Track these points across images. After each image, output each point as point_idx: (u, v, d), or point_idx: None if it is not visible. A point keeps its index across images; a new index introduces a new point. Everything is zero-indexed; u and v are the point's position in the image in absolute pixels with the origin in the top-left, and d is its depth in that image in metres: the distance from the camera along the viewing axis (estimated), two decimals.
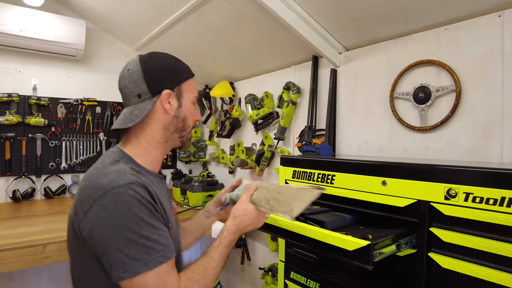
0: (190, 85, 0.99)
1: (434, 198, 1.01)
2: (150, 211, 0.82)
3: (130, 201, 0.79)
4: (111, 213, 0.78)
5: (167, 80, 0.94)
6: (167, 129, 0.96)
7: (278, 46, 2.12)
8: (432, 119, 1.51)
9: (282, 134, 2.22)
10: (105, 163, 0.88)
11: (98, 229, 0.79)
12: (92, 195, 0.81)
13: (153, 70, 0.93)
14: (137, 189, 0.81)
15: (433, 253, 1.01)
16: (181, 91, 0.96)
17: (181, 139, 1.00)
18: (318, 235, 1.04)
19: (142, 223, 0.79)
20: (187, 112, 0.98)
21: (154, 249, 0.80)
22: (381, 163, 1.17)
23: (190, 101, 1.00)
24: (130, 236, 0.78)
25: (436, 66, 1.49)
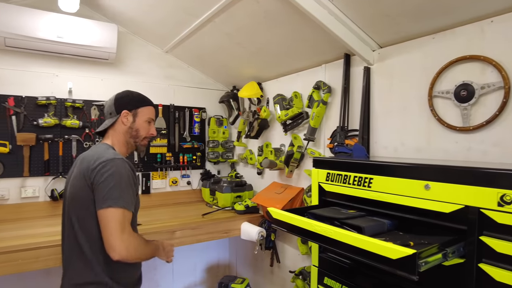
0: (145, 110, 1.54)
1: (485, 204, 0.93)
2: (129, 177, 1.35)
3: (121, 167, 1.33)
4: (108, 169, 1.30)
5: (127, 105, 1.51)
6: (125, 135, 1.51)
7: (308, 44, 2.07)
8: (476, 119, 1.41)
9: (312, 134, 2.17)
10: (102, 149, 1.42)
11: (99, 177, 1.29)
12: (101, 160, 1.32)
13: (119, 99, 1.52)
14: (125, 163, 1.36)
15: (484, 264, 0.94)
16: (137, 112, 1.52)
17: (135, 144, 1.54)
18: (357, 242, 0.98)
19: (122, 181, 1.31)
20: (139, 126, 1.52)
21: (123, 199, 1.29)
22: (424, 165, 1.10)
23: (144, 120, 1.53)
24: (113, 184, 1.28)
25: (480, 62, 1.39)
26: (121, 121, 1.48)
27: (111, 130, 1.50)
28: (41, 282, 2.50)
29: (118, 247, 1.23)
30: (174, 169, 3.02)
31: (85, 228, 1.33)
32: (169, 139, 3.00)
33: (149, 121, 1.54)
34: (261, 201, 2.40)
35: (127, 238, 1.26)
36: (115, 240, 1.23)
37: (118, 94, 1.53)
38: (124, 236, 1.24)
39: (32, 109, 2.48)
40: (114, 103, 1.50)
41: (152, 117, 1.57)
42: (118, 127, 1.49)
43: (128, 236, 1.27)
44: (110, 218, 1.24)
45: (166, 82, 3.06)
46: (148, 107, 1.55)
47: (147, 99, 1.57)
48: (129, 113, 1.48)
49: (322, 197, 1.48)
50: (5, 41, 2.29)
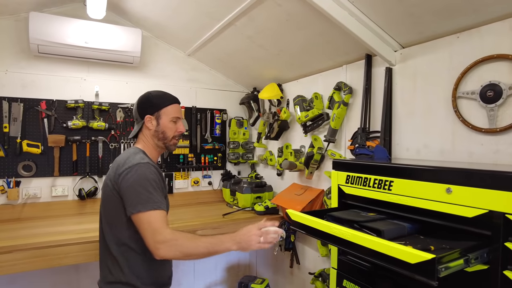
0: (168, 110, 1.53)
1: (510, 209, 0.90)
2: (156, 179, 1.37)
3: (146, 171, 1.36)
4: (134, 174, 1.33)
5: (148, 109, 1.52)
6: (153, 138, 1.53)
7: (329, 45, 2.06)
8: (504, 120, 1.36)
9: (333, 136, 2.16)
10: (130, 153, 1.44)
11: (125, 182, 1.33)
12: (126, 166, 1.36)
13: (140, 104, 1.54)
14: (150, 166, 1.39)
15: (510, 271, 0.91)
16: (159, 115, 1.51)
17: (165, 145, 1.55)
18: (375, 245, 0.97)
19: (148, 183, 1.33)
20: (164, 128, 1.52)
21: (152, 200, 1.30)
22: (445, 168, 1.08)
23: (168, 120, 1.52)
24: (140, 189, 1.31)
25: (509, 62, 1.34)
26: (146, 127, 1.50)
27: (141, 135, 1.54)
28: (71, 278, 2.62)
29: (160, 249, 1.25)
30: (195, 169, 3.08)
31: (113, 231, 1.40)
32: (191, 140, 3.06)
33: (174, 120, 1.53)
34: (281, 202, 2.41)
35: (167, 237, 1.25)
36: (155, 242, 1.25)
37: (139, 98, 1.55)
38: (162, 237, 1.24)
39: (62, 112, 2.60)
40: (136, 109, 1.53)
41: (177, 114, 1.55)
42: (145, 132, 1.52)
43: (168, 235, 1.26)
44: (143, 222, 1.27)
45: (188, 84, 3.12)
46: (171, 106, 1.53)
47: (168, 97, 1.54)
48: (151, 117, 1.49)
49: (341, 199, 1.48)
50: (38, 48, 2.41)
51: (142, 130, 1.52)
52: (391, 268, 0.92)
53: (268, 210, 2.58)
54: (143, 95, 1.55)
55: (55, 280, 2.57)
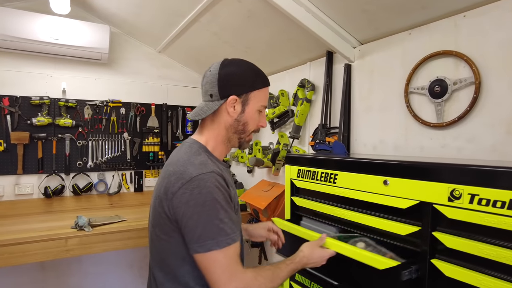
0: (260, 94, 1.08)
1: (437, 200, 0.93)
2: (225, 197, 0.95)
3: (211, 187, 0.93)
4: (196, 196, 0.92)
5: (236, 87, 1.05)
6: (228, 129, 1.08)
7: (292, 43, 2.08)
8: (450, 115, 1.39)
9: (297, 132, 2.17)
10: (189, 153, 1.02)
11: (184, 207, 0.92)
12: (181, 179, 0.94)
13: (226, 76, 1.04)
14: (216, 178, 0.95)
15: (436, 260, 0.93)
16: (248, 98, 1.06)
17: (239, 140, 1.12)
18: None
19: (218, 206, 0.93)
20: (249, 118, 1.08)
21: (225, 231, 0.92)
22: (382, 161, 1.10)
23: (256, 109, 1.09)
24: (208, 217, 0.91)
25: (453, 57, 1.37)
26: (226, 111, 1.05)
27: (209, 121, 1.08)
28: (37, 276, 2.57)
29: None
30: None
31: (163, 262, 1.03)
32: (161, 138, 3.03)
33: (261, 109, 1.11)
34: (249, 199, 2.41)
35: (248, 283, 0.94)
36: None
37: (224, 65, 1.05)
38: (240, 283, 0.93)
39: (26, 108, 2.55)
40: (218, 80, 1.03)
41: (267, 103, 1.15)
42: (220, 118, 1.07)
43: (248, 280, 0.95)
44: (213, 263, 0.91)
45: (159, 81, 3.10)
46: (265, 90, 1.11)
47: (263, 75, 1.11)
48: (238, 100, 1.04)
49: (294, 193, 1.49)
50: (0, 43, 2.36)
51: (216, 115, 1.06)
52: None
53: None
54: (233, 63, 1.07)
55: (18, 281, 2.51)
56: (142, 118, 2.98)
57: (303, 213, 1.44)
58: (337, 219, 1.24)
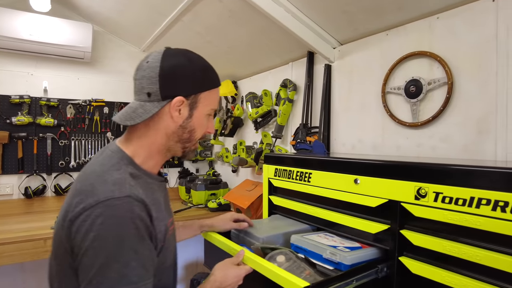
0: (210, 96, 0.89)
1: (404, 198, 0.94)
2: (139, 233, 0.74)
3: (121, 218, 0.72)
4: (98, 226, 0.70)
5: (184, 86, 0.84)
6: (170, 137, 0.87)
7: (273, 43, 2.08)
8: (424, 114, 1.41)
9: (280, 132, 2.18)
10: (105, 166, 0.80)
11: (81, 240, 0.71)
12: (83, 202, 0.73)
13: (172, 71, 0.83)
14: (132, 205, 0.74)
15: (404, 257, 0.94)
16: (197, 100, 0.87)
17: (184, 150, 0.92)
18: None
19: (126, 245, 0.71)
20: (197, 124, 0.89)
21: (127, 279, 0.70)
22: (353, 160, 1.11)
23: (206, 113, 0.90)
24: (107, 257, 0.69)
25: (428, 58, 1.40)
26: (169, 115, 0.85)
27: (142, 125, 0.86)
28: (16, 277, 2.52)
29: None
30: None
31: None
32: None
33: (210, 113, 0.93)
34: (232, 198, 2.41)
35: None
36: None
37: (168, 55, 0.84)
38: None
39: (6, 107, 2.50)
40: (160, 76, 0.82)
41: (217, 106, 0.96)
42: (159, 123, 0.86)
43: None
44: None
45: None
46: (217, 90, 0.93)
47: (216, 73, 0.92)
48: (185, 102, 0.85)
49: (272, 192, 1.49)
50: None
51: (154, 119, 0.85)
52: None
53: (221, 206, 2.58)
54: (179, 54, 0.86)
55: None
56: None
57: (280, 211, 1.45)
58: (312, 217, 1.25)
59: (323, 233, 1.19)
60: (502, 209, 0.74)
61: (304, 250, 1.09)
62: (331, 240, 1.10)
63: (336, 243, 1.07)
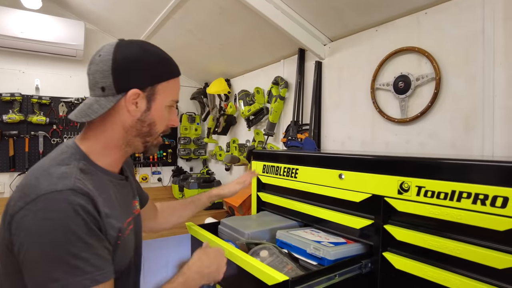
0: (169, 87, 0.86)
1: (388, 193, 0.93)
2: (87, 225, 0.69)
3: (64, 210, 0.67)
4: (40, 221, 0.66)
5: (139, 78, 0.81)
6: (128, 132, 0.83)
7: (265, 40, 2.07)
8: (413, 110, 1.41)
9: (271, 129, 2.17)
10: (54, 160, 0.76)
11: (22, 236, 0.67)
12: (25, 196, 0.68)
13: (125, 63, 0.79)
14: (76, 197, 0.69)
15: (388, 253, 0.94)
16: (154, 92, 0.83)
17: (145, 145, 0.87)
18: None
19: (72, 237, 0.67)
20: (156, 117, 0.85)
21: (80, 270, 0.66)
22: (337, 155, 1.10)
23: (166, 104, 0.86)
24: (54, 251, 0.65)
25: (416, 53, 1.39)
26: (126, 109, 0.81)
27: (99, 120, 0.82)
28: None
29: None
30: (143, 165, 3.02)
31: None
32: None
33: (172, 104, 0.89)
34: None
35: None
36: None
37: (121, 46, 0.80)
38: None
39: None
40: (112, 68, 0.78)
41: (178, 97, 0.91)
42: (115, 118, 0.82)
43: None
44: None
45: None
46: (177, 80, 0.89)
47: (175, 63, 0.88)
48: (141, 94, 0.81)
49: (261, 188, 1.48)
50: None
51: (111, 114, 0.81)
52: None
53: (214, 204, 2.57)
54: (133, 45, 0.82)
55: None
56: None
57: (268, 208, 1.44)
58: (299, 214, 1.24)
59: (309, 229, 1.19)
60: (482, 202, 0.73)
61: (289, 245, 1.08)
62: (317, 236, 1.10)
63: (321, 238, 1.07)
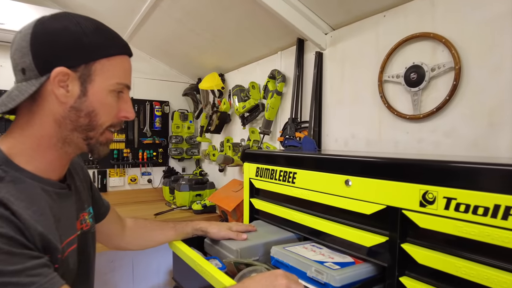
0: (112, 66, 0.68)
1: (407, 205, 0.76)
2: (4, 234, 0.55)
3: None
4: None
5: (67, 53, 0.64)
6: (62, 125, 0.67)
7: (261, 30, 1.89)
8: (427, 105, 1.23)
9: (268, 128, 1.99)
10: None
11: None
12: None
13: (47, 35, 0.63)
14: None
15: (406, 278, 0.76)
16: (90, 72, 0.66)
17: (87, 142, 0.69)
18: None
19: None
20: (97, 105, 0.67)
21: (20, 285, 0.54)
22: (343, 157, 0.92)
23: (109, 88, 0.68)
24: None
25: (431, 40, 1.21)
26: (53, 94, 0.65)
27: (25, 112, 0.68)
28: None
29: None
30: (132, 166, 2.83)
31: None
32: (127, 134, 2.81)
33: (118, 89, 0.71)
34: (217, 200, 2.23)
35: None
36: None
37: (44, 21, 0.66)
38: None
39: None
40: (31, 45, 0.64)
41: (128, 80, 0.73)
42: (44, 109, 0.66)
43: None
44: None
45: None
46: (123, 59, 0.72)
47: (119, 38, 0.72)
48: (71, 75, 0.65)
49: (254, 194, 1.31)
50: None
51: (37, 102, 0.66)
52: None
53: (206, 208, 2.40)
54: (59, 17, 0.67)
55: None
56: None
57: (262, 217, 1.26)
58: (297, 225, 1.07)
59: (310, 244, 1.01)
60: None
61: (285, 265, 0.91)
62: (319, 253, 0.92)
63: (324, 257, 0.89)
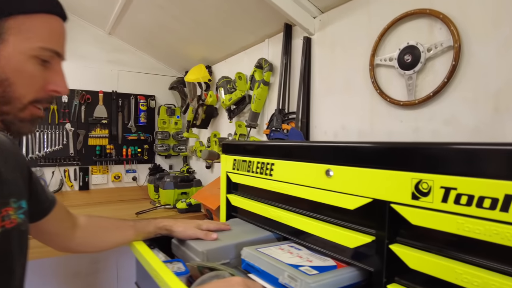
0: (34, 25, 0.57)
1: (396, 197, 0.63)
2: None
3: None
4: None
5: None
6: None
7: (247, 16, 1.77)
8: (423, 90, 1.10)
9: (254, 120, 1.86)
10: None
11: None
12: None
13: None
14: None
15: (396, 285, 0.63)
16: (2, 30, 0.54)
17: (2, 118, 0.57)
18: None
19: None
20: (11, 72, 0.55)
21: None
22: (323, 144, 0.80)
23: (30, 53, 0.57)
24: None
25: (427, 17, 1.09)
26: None
27: None
28: None
29: None
30: (116, 163, 2.70)
31: None
32: (110, 130, 2.68)
33: (44, 56, 0.60)
34: (201, 198, 2.10)
35: None
36: None
37: None
38: None
39: None
40: None
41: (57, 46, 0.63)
42: None
43: None
44: None
45: (109, 66, 2.74)
46: (50, 18, 0.62)
47: None
48: None
49: (231, 190, 1.18)
50: None
51: None
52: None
53: (191, 207, 2.27)
54: None
55: None
56: (88, 107, 2.62)
57: (241, 215, 1.13)
58: (274, 223, 0.94)
59: (287, 244, 0.88)
60: None
61: (256, 269, 0.78)
62: (296, 256, 0.79)
63: (301, 260, 0.76)
